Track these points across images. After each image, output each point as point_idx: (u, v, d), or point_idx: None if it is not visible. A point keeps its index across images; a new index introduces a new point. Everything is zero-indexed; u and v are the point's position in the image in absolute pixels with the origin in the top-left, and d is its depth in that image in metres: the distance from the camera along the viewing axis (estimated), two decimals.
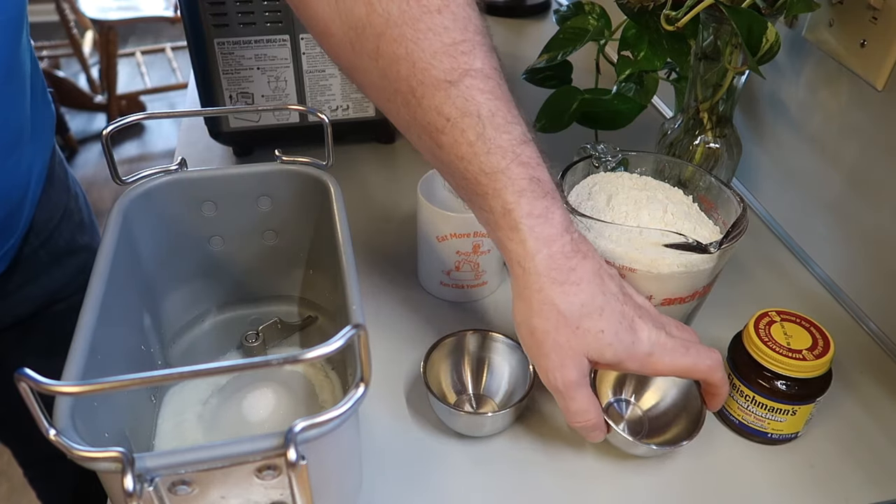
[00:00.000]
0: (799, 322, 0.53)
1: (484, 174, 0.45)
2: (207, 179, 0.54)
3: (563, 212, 0.48)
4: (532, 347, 0.48)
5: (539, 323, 0.47)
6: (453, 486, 0.52)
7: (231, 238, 0.57)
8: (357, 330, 0.34)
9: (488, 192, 0.46)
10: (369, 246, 0.75)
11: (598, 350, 0.47)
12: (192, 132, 0.92)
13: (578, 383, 0.47)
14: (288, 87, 0.81)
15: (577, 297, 0.46)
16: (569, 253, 0.46)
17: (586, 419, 0.48)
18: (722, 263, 0.57)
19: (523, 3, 1.32)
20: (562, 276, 0.46)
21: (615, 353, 0.47)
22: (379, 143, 0.92)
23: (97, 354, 0.41)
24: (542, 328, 0.47)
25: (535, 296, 0.46)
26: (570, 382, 0.47)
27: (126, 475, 0.32)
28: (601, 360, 0.47)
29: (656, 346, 0.48)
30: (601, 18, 0.75)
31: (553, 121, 0.73)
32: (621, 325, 0.47)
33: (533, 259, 0.46)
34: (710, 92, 0.67)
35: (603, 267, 0.49)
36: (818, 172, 0.70)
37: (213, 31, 0.75)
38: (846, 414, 0.58)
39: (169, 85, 2.96)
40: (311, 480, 0.36)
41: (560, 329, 0.46)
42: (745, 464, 0.54)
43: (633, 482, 0.53)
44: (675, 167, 0.64)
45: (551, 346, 0.47)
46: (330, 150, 0.54)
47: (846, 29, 0.63)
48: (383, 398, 0.59)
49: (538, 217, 0.46)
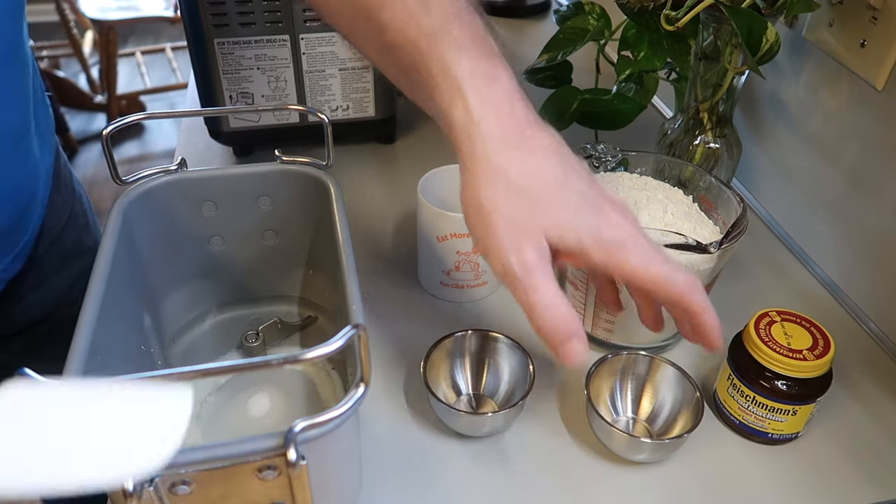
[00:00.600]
0: (799, 322, 0.53)
1: (424, 37, 0.41)
2: (207, 179, 0.54)
3: (512, 76, 0.42)
4: (479, 227, 0.40)
5: (488, 196, 0.39)
6: (453, 486, 0.52)
7: (231, 238, 0.57)
8: (357, 330, 0.34)
9: (428, 57, 0.40)
10: (369, 246, 0.75)
11: (559, 231, 0.39)
12: (192, 132, 0.92)
13: (539, 268, 0.38)
14: (288, 87, 0.81)
15: (531, 166, 0.39)
16: (522, 120, 0.41)
17: (556, 317, 0.39)
18: (722, 263, 0.57)
19: (523, 3, 1.32)
20: (514, 142, 0.40)
21: (578, 238, 0.39)
22: (379, 143, 0.92)
23: (97, 354, 0.41)
24: (490, 202, 0.39)
25: (481, 164, 0.39)
26: (530, 265, 0.38)
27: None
28: (561, 246, 0.39)
29: (629, 238, 0.40)
30: (601, 18, 0.75)
31: (553, 121, 0.72)
32: (587, 205, 0.40)
33: (479, 125, 0.40)
34: (710, 92, 0.67)
35: (566, 147, 0.42)
36: (818, 172, 0.70)
37: (213, 31, 0.75)
38: (846, 414, 0.58)
39: (169, 85, 2.96)
40: (311, 480, 0.36)
41: (512, 202, 0.39)
42: (745, 464, 0.54)
43: (632, 482, 0.53)
44: (675, 167, 0.64)
45: (503, 223, 0.39)
46: (330, 150, 0.54)
47: (846, 29, 0.63)
48: (383, 398, 0.59)
49: (484, 77, 0.40)
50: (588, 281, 0.59)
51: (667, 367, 0.56)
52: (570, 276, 0.61)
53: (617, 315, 0.59)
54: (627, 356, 0.57)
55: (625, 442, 0.52)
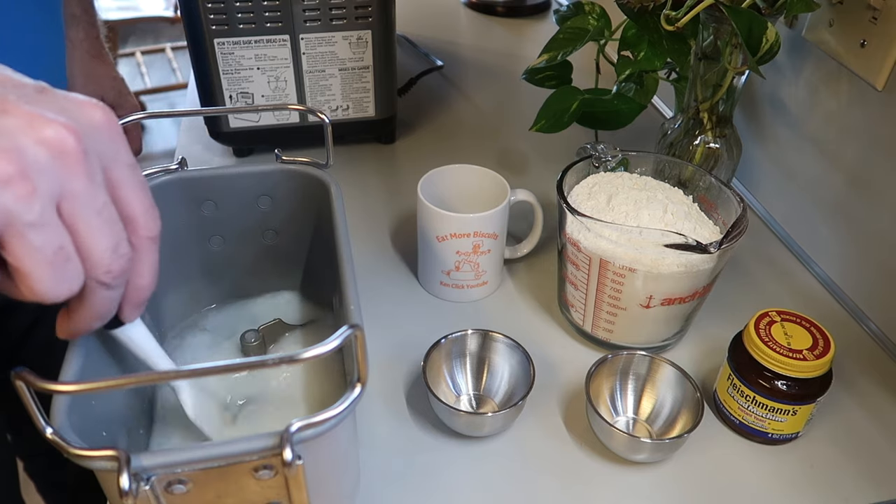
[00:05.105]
0: (799, 322, 0.53)
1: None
2: (207, 179, 0.54)
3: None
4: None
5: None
6: (453, 486, 0.52)
7: (231, 237, 0.57)
8: (353, 330, 0.34)
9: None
10: (369, 246, 0.75)
11: None
12: (192, 132, 0.92)
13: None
14: (288, 87, 0.81)
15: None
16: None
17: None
18: (722, 263, 0.57)
19: (523, 3, 1.32)
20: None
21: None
22: (379, 143, 0.92)
23: (95, 354, 0.41)
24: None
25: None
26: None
27: (122, 474, 0.32)
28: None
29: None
30: (601, 18, 0.74)
31: (553, 121, 0.73)
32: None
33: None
34: (710, 92, 0.67)
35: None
36: (818, 172, 0.70)
37: (213, 31, 0.75)
38: (846, 414, 0.58)
39: (169, 85, 2.96)
40: (308, 480, 0.36)
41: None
42: (745, 464, 0.54)
43: (632, 482, 0.53)
44: (675, 167, 0.64)
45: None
46: (330, 150, 0.54)
47: (846, 29, 0.63)
48: (383, 398, 0.59)
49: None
50: (588, 281, 0.59)
51: (667, 367, 0.56)
52: (570, 276, 0.61)
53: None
54: (627, 356, 0.56)
55: (625, 442, 0.52)
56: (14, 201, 0.28)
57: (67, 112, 0.31)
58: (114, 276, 0.33)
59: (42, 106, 0.30)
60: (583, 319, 0.62)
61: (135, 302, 0.37)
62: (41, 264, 0.29)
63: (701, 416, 0.52)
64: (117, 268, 0.33)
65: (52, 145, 0.29)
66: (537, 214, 0.70)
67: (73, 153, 0.30)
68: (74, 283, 0.31)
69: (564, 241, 0.60)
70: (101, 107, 0.33)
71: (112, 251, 0.32)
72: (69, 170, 0.30)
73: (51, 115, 0.30)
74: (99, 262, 0.32)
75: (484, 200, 0.67)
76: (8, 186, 0.28)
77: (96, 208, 0.31)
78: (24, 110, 0.29)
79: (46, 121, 0.29)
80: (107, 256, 0.32)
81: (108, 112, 0.33)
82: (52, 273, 0.30)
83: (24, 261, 0.29)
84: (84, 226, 0.31)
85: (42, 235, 0.29)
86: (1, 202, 0.27)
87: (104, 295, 0.33)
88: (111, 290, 0.34)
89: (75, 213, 0.30)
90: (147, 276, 0.36)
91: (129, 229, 0.34)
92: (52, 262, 0.30)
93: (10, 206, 0.28)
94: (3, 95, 0.29)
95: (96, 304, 0.34)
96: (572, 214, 0.56)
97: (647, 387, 0.57)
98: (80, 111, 0.32)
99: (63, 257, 0.30)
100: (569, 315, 0.64)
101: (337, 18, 0.77)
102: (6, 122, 0.29)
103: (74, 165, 0.30)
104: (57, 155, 0.29)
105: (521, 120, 0.93)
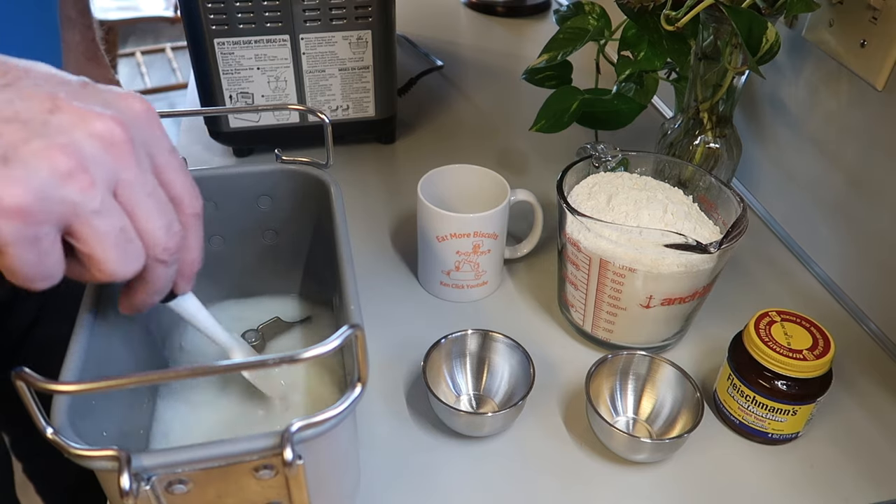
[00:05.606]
0: (799, 322, 0.53)
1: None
2: (207, 179, 0.54)
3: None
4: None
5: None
6: (453, 486, 0.52)
7: (231, 237, 0.57)
8: (354, 330, 0.34)
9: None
10: (369, 246, 0.75)
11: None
12: (192, 132, 0.92)
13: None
14: (288, 87, 0.81)
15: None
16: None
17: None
18: (722, 263, 0.57)
19: (523, 3, 1.32)
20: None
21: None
22: (379, 143, 0.92)
23: (96, 353, 0.41)
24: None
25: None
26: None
27: (122, 474, 0.32)
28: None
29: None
30: (601, 18, 0.74)
31: (553, 121, 0.73)
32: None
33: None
34: (710, 92, 0.67)
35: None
36: (818, 172, 0.70)
37: (213, 31, 0.75)
38: (846, 414, 0.58)
39: (169, 85, 2.96)
40: (308, 480, 0.36)
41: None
42: (745, 464, 0.54)
43: (632, 482, 0.53)
44: (675, 167, 0.64)
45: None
46: (330, 150, 0.54)
47: (846, 29, 0.63)
48: (383, 398, 0.59)
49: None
50: (588, 281, 0.59)
51: (667, 367, 0.56)
52: (570, 276, 0.61)
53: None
54: (627, 356, 0.57)
55: (625, 442, 0.52)
56: (78, 193, 0.30)
57: (112, 105, 0.33)
58: (171, 252, 0.35)
59: (89, 101, 0.32)
60: (583, 319, 0.62)
61: (187, 275, 0.40)
62: (109, 247, 0.32)
63: (701, 416, 0.52)
64: (173, 244, 0.35)
65: (103, 138, 0.31)
66: (537, 214, 0.70)
67: (123, 143, 0.32)
68: (138, 262, 0.34)
69: (564, 241, 0.60)
70: (139, 97, 0.35)
71: (166, 229, 0.35)
72: (121, 159, 0.32)
73: (98, 110, 0.32)
74: (156, 241, 0.34)
75: (484, 200, 0.67)
76: (71, 180, 0.30)
77: (148, 192, 0.34)
78: (75, 107, 0.31)
79: (96, 115, 0.31)
80: (162, 234, 0.35)
81: (145, 102, 0.35)
82: (119, 254, 0.33)
83: (93, 246, 0.32)
84: (139, 209, 0.33)
85: (106, 221, 0.32)
86: (67, 195, 0.30)
87: (162, 271, 0.36)
88: (168, 267, 0.36)
89: (130, 199, 0.33)
90: (195, 250, 0.39)
91: (177, 209, 0.36)
92: (118, 244, 0.32)
93: (76, 199, 0.30)
94: (53, 93, 0.31)
95: (156, 281, 0.36)
96: (572, 214, 0.56)
97: (647, 387, 0.57)
98: (123, 103, 0.34)
99: (126, 239, 0.33)
100: (569, 315, 0.64)
101: (337, 18, 0.77)
102: (60, 119, 0.31)
103: (125, 155, 0.32)
104: (108, 146, 0.31)
105: (521, 120, 0.93)
